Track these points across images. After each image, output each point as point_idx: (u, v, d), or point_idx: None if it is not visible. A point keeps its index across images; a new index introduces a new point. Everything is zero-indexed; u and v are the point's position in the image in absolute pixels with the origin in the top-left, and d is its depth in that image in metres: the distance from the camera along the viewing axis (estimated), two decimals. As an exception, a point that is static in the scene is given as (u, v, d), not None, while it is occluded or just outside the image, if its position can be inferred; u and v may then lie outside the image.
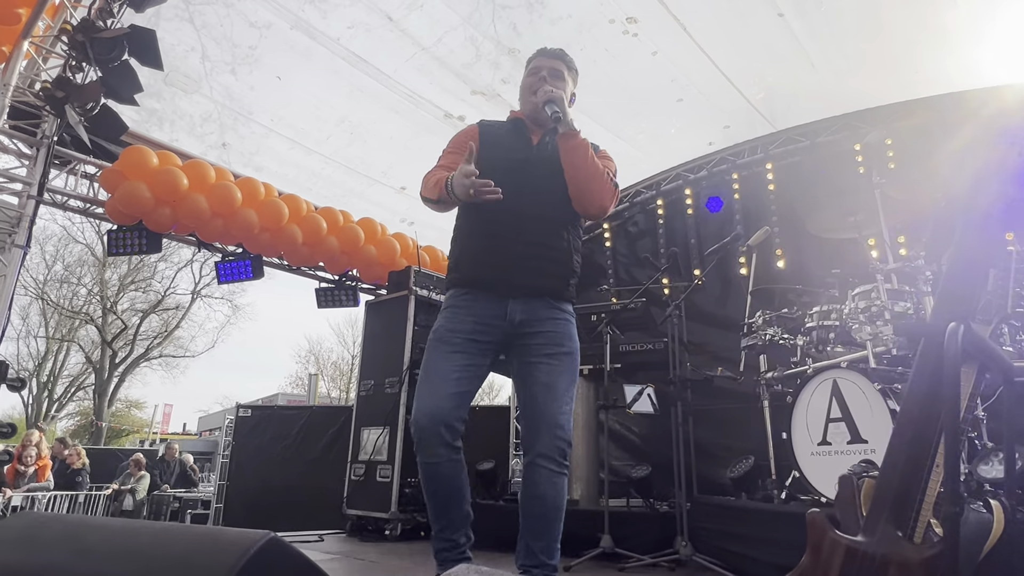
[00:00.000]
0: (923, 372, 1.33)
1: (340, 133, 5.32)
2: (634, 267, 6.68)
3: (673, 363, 3.77)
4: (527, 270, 2.16)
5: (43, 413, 28.99)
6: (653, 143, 5.94)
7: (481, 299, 2.17)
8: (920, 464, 1.30)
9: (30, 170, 3.94)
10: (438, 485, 2.11)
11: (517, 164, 2.22)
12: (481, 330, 2.14)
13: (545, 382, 2.13)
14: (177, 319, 28.85)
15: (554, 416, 2.10)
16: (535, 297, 2.18)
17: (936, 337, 1.28)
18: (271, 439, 7.54)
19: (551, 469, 2.12)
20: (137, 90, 3.92)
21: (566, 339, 2.20)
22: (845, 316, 3.14)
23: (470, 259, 2.24)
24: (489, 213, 2.16)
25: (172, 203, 4.12)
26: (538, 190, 2.21)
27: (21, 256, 3.82)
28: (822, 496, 3.02)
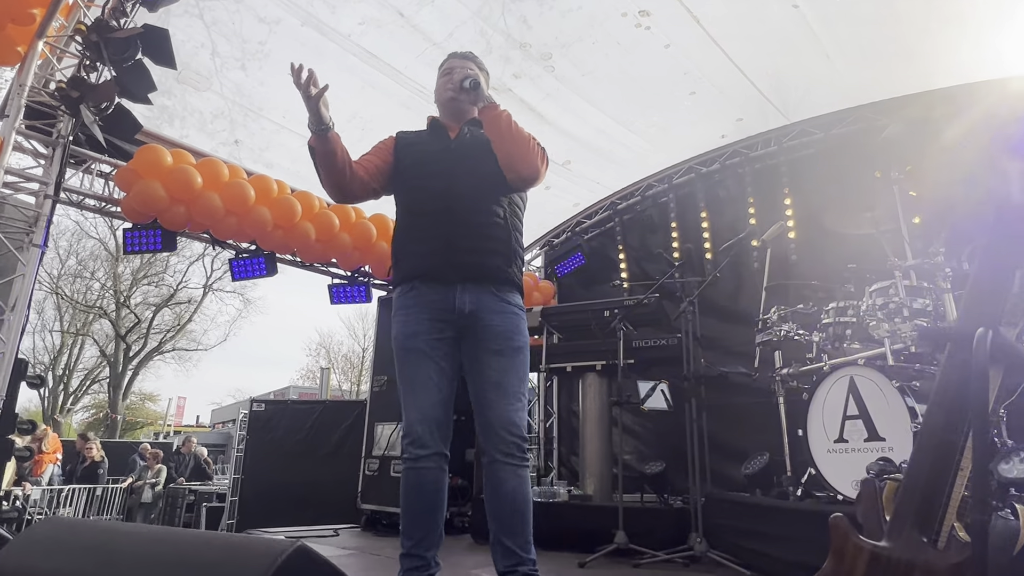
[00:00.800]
0: (949, 376, 1.31)
1: (352, 129, 5.29)
2: (646, 261, 6.65)
3: (687, 360, 3.76)
4: (465, 251, 2.16)
5: (59, 406, 29.39)
6: (665, 136, 5.90)
7: (427, 291, 2.17)
8: (946, 470, 1.29)
9: (46, 170, 3.97)
10: (421, 494, 2.11)
11: (438, 155, 2.28)
12: (439, 327, 2.15)
13: (495, 381, 2.14)
14: (189, 313, 29.09)
15: (507, 414, 2.11)
16: (480, 283, 2.17)
17: (963, 342, 1.27)
18: (284, 433, 7.60)
19: (512, 464, 2.12)
20: (151, 89, 3.93)
21: (515, 333, 2.20)
22: (862, 313, 3.11)
23: (408, 251, 2.25)
24: (420, 204, 2.23)
25: (186, 201, 4.14)
26: (463, 174, 2.23)
27: (39, 255, 3.86)
28: (839, 493, 3.01)
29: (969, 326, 1.27)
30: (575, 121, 5.55)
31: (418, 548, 2.10)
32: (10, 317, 3.76)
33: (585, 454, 4.65)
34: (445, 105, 2.43)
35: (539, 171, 2.25)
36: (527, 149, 2.20)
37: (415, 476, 2.11)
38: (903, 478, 1.40)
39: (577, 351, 4.75)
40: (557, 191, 6.62)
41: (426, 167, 2.27)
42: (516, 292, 2.27)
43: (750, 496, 3.61)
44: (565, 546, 3.93)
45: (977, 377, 1.18)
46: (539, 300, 6.72)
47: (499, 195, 2.25)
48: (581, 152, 6.03)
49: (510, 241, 2.25)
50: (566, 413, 6.90)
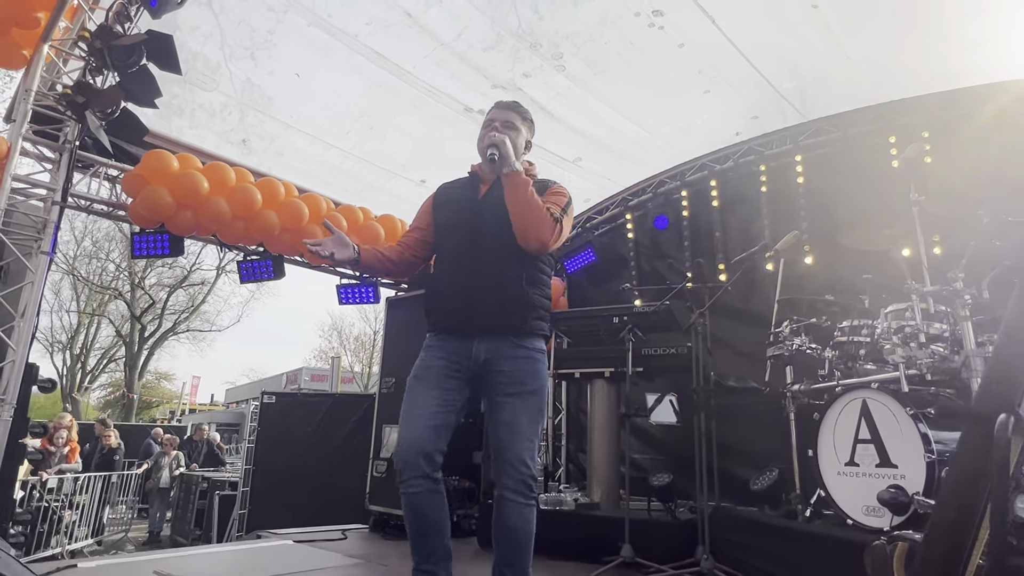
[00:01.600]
0: (966, 459, 1.26)
1: (359, 128, 5.26)
2: (656, 260, 6.57)
3: (697, 373, 3.71)
4: (485, 312, 2.30)
5: (77, 384, 29.91)
6: (678, 134, 5.78)
7: (450, 340, 2.35)
8: (961, 549, 1.25)
9: (53, 175, 3.95)
10: (417, 516, 2.21)
11: (467, 217, 2.41)
12: (452, 367, 2.31)
13: (508, 421, 2.25)
14: (203, 294, 29.33)
15: (518, 454, 2.23)
16: (498, 336, 2.31)
17: (983, 423, 1.22)
18: (295, 425, 7.68)
19: (519, 502, 2.24)
20: (156, 95, 3.89)
21: (529, 377, 2.30)
22: (877, 335, 3.04)
23: (437, 307, 2.43)
24: (450, 264, 2.42)
25: (193, 207, 4.12)
26: (489, 235, 2.35)
27: (47, 263, 3.86)
28: (848, 517, 2.97)
29: (989, 407, 1.22)
30: (586, 120, 5.45)
31: (426, 564, 2.21)
32: (20, 324, 3.78)
33: (593, 460, 4.64)
34: (484, 163, 2.43)
35: (547, 245, 2.33)
36: (539, 222, 2.28)
37: (407, 499, 2.21)
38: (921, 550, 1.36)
39: (586, 357, 4.71)
40: (568, 187, 6.51)
41: (456, 225, 2.44)
42: (537, 339, 2.37)
43: (758, 512, 3.58)
44: (571, 555, 3.94)
45: (998, 465, 1.13)
46: (548, 298, 6.67)
47: (521, 256, 2.34)
48: (592, 150, 5.93)
49: (527, 299, 2.34)
50: (575, 410, 6.89)
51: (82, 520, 8.20)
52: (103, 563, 3.52)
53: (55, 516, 7.51)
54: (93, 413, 33.21)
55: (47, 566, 3.30)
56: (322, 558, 3.81)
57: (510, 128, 2.48)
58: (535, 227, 2.27)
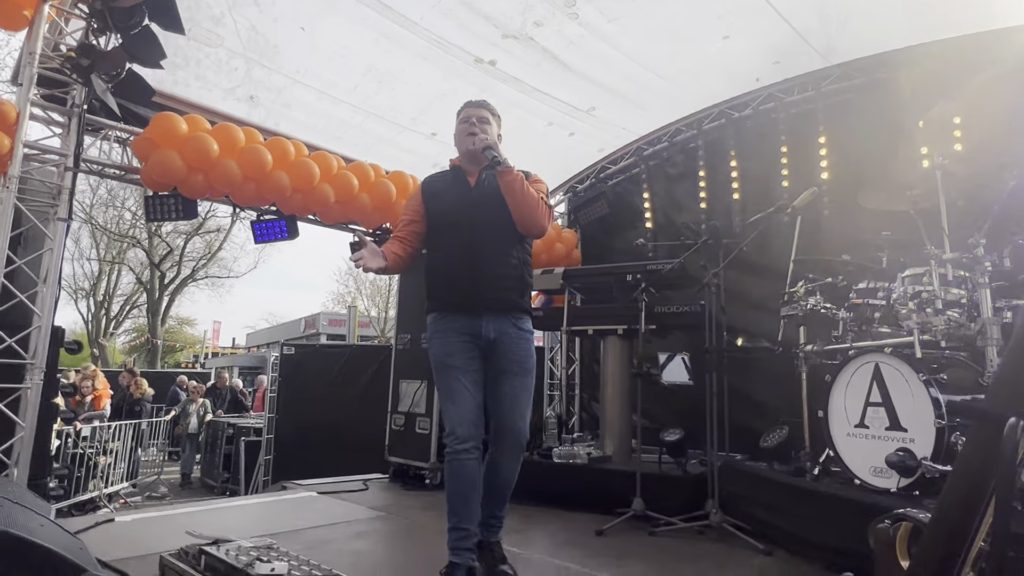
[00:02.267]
0: (973, 458, 1.28)
1: (367, 82, 5.14)
2: (672, 210, 6.48)
3: (709, 333, 3.72)
4: (488, 289, 2.64)
5: (102, 330, 30.71)
6: (695, 82, 5.60)
7: (459, 318, 2.65)
8: (963, 540, 1.28)
9: (64, 140, 3.94)
10: (464, 480, 2.53)
11: (461, 206, 2.69)
12: (470, 347, 2.63)
13: (510, 395, 2.64)
14: (219, 241, 29.56)
15: (516, 424, 2.65)
16: (500, 314, 2.66)
17: (992, 425, 1.23)
18: (315, 376, 7.88)
19: (513, 460, 2.69)
20: (161, 56, 3.83)
21: (527, 357, 2.71)
22: (893, 299, 3.01)
23: (441, 288, 2.73)
24: (449, 249, 2.70)
25: (204, 170, 4.10)
26: (484, 222, 2.66)
27: (65, 229, 3.90)
28: (856, 477, 3.03)
29: (999, 408, 1.23)
30: (600, 68, 5.28)
31: (463, 522, 2.53)
32: (43, 290, 3.85)
33: (606, 415, 4.74)
34: (463, 154, 2.78)
35: (545, 229, 2.74)
36: (536, 211, 2.64)
37: (458, 467, 2.53)
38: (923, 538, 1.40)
39: (599, 315, 4.73)
40: (581, 137, 6.40)
41: (451, 217, 2.70)
42: (528, 317, 2.78)
43: (767, 469, 3.65)
44: (584, 507, 4.08)
45: (1005, 467, 1.15)
46: (561, 251, 6.65)
47: (514, 240, 2.71)
48: (606, 99, 5.77)
49: (523, 277, 2.74)
50: (588, 360, 6.97)
51: (116, 464, 8.58)
52: (138, 517, 3.72)
53: (91, 462, 7.86)
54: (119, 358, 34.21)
55: (86, 520, 3.50)
56: (347, 510, 3.98)
57: (485, 123, 2.77)
58: (536, 216, 2.65)
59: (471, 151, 2.68)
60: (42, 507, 2.76)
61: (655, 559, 3.09)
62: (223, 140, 4.14)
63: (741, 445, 4.42)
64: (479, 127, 2.73)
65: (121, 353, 34.91)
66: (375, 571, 2.84)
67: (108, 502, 8.17)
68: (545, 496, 4.27)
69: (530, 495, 4.36)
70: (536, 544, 3.34)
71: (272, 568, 2.26)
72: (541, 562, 3.03)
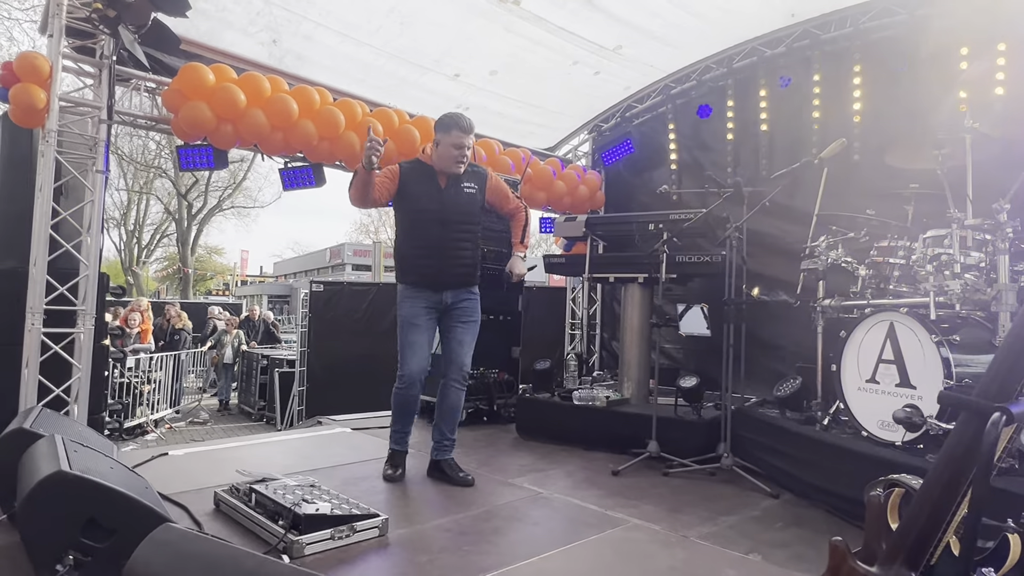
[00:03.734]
0: (959, 444, 1.38)
1: (390, 24, 5.06)
2: (698, 150, 6.39)
3: (729, 286, 3.78)
4: (451, 274, 3.45)
5: (135, 258, 31.56)
6: (727, 17, 5.38)
7: (425, 291, 3.45)
8: (941, 519, 1.41)
9: (96, 92, 4.01)
10: (408, 406, 3.56)
11: (433, 200, 3.41)
12: (430, 311, 3.47)
13: (459, 339, 3.55)
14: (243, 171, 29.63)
15: (462, 359, 3.55)
16: (458, 288, 3.49)
17: (978, 417, 1.32)
18: (343, 312, 8.16)
19: (457, 387, 3.59)
20: (186, 7, 3.83)
21: (474, 312, 3.59)
22: (913, 260, 3.04)
23: (412, 268, 3.48)
24: (422, 238, 3.42)
25: (233, 120, 4.15)
26: (452, 221, 3.42)
27: (103, 181, 4.04)
28: (863, 429, 3.17)
29: (987, 400, 1.32)
30: (628, 6, 5.11)
31: (404, 427, 3.61)
32: (87, 239, 4.04)
33: (625, 359, 4.89)
34: (446, 169, 3.44)
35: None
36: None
37: (405, 398, 3.51)
38: (906, 514, 1.53)
39: (620, 262, 4.80)
40: (607, 76, 6.26)
41: (425, 206, 3.41)
42: (476, 285, 3.61)
43: (779, 417, 3.80)
44: (602, 447, 4.31)
45: (983, 457, 1.25)
46: (585, 193, 6.64)
47: (474, 232, 3.54)
48: (634, 36, 5.60)
49: (476, 258, 3.56)
50: (609, 300, 7.09)
51: (160, 393, 9.11)
52: (190, 451, 4.04)
53: (136, 391, 8.37)
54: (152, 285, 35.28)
55: (143, 454, 3.81)
56: (379, 446, 4.24)
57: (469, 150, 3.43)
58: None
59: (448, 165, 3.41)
60: (107, 447, 3.04)
61: (667, 500, 3.30)
62: (249, 90, 4.18)
63: (757, 390, 4.57)
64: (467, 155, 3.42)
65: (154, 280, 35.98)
66: (407, 506, 3.09)
67: (155, 427, 8.74)
68: (566, 436, 4.51)
69: (552, 435, 4.61)
70: (556, 483, 3.57)
71: (317, 508, 2.50)
72: (561, 501, 3.26)
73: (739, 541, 2.75)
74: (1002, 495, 2.26)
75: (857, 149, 4.94)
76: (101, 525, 2.00)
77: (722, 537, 2.79)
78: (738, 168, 5.86)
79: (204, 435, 9.00)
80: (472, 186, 3.49)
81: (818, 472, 3.27)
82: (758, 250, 5.25)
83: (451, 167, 3.39)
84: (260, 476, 2.90)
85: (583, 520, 2.97)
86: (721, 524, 2.97)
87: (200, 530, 2.59)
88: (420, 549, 2.58)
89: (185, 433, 9.11)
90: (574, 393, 4.67)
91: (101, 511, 2.01)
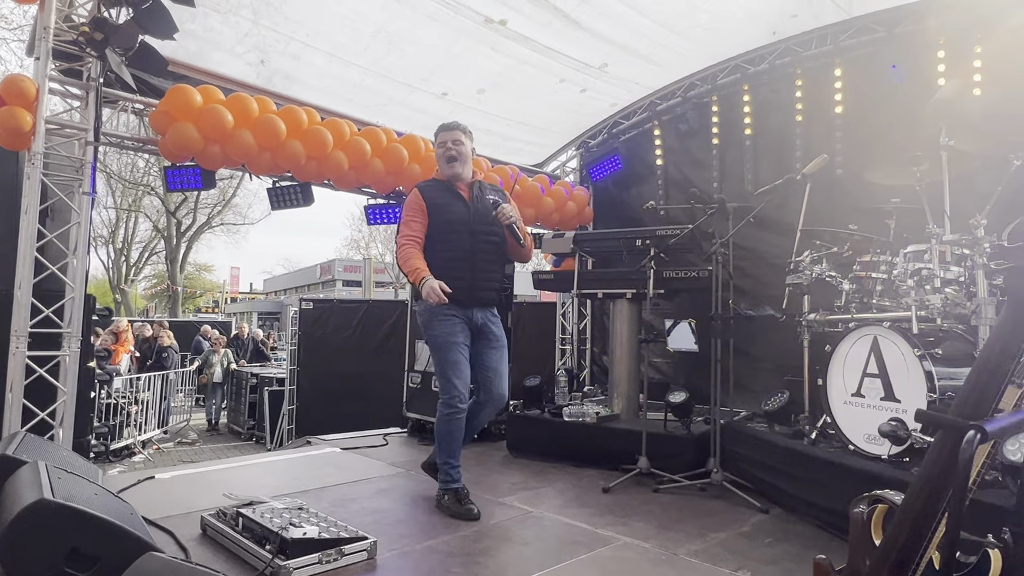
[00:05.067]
0: (938, 456, 1.40)
1: (377, 44, 5.10)
2: (685, 166, 6.46)
3: (716, 301, 3.81)
4: (480, 290, 3.39)
5: (123, 276, 31.35)
6: (710, 36, 5.47)
7: (456, 309, 3.31)
8: (921, 538, 1.42)
9: (83, 114, 4.01)
10: (458, 431, 3.33)
11: (462, 216, 3.38)
12: (464, 330, 3.37)
13: (495, 367, 3.47)
14: (232, 188, 29.60)
15: (501, 390, 3.49)
16: (485, 307, 3.45)
17: (954, 435, 1.34)
18: (333, 330, 8.14)
19: (492, 414, 3.70)
20: (173, 30, 3.85)
21: (503, 337, 3.56)
22: (894, 275, 3.08)
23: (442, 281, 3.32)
24: (452, 253, 3.34)
25: (220, 141, 4.16)
26: (479, 233, 3.40)
27: (90, 203, 4.03)
28: (851, 443, 3.19)
29: (962, 419, 1.34)
30: (612, 25, 5.18)
31: (454, 459, 3.37)
32: (73, 261, 4.02)
33: (614, 375, 4.90)
34: (445, 172, 3.48)
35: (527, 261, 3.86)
36: (529, 253, 3.60)
37: (456, 423, 3.30)
38: (887, 531, 1.54)
39: (608, 278, 4.83)
40: (593, 93, 6.33)
41: (453, 216, 3.38)
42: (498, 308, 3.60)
43: (767, 431, 3.81)
44: (593, 463, 4.30)
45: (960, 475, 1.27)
46: (573, 209, 6.68)
47: (501, 249, 3.50)
48: (619, 54, 5.68)
49: (503, 280, 3.59)
50: (599, 314, 7.11)
51: (148, 413, 9.01)
52: (176, 474, 3.99)
53: (123, 411, 8.28)
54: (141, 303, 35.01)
55: (128, 478, 3.77)
56: (368, 467, 4.24)
57: (460, 144, 3.44)
58: (527, 256, 3.63)
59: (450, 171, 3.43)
60: (92, 472, 3.01)
61: (657, 517, 3.30)
62: (237, 111, 4.19)
63: (747, 403, 4.59)
64: (455, 148, 3.41)
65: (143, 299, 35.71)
66: (396, 528, 3.07)
67: (142, 448, 8.64)
68: (556, 453, 4.50)
69: (542, 451, 4.60)
70: (546, 502, 3.56)
71: (304, 532, 2.49)
72: (551, 520, 3.25)
73: (728, 558, 2.75)
74: (987, 508, 2.28)
75: (839, 164, 5.01)
76: (84, 554, 1.98)
77: (711, 554, 2.79)
78: (724, 183, 5.95)
79: (193, 455, 8.90)
80: (496, 200, 3.48)
81: (806, 486, 3.28)
82: (744, 264, 5.33)
83: (445, 167, 3.42)
84: (247, 499, 2.88)
85: (573, 539, 2.96)
86: (711, 541, 2.96)
87: (186, 557, 2.56)
88: (408, 572, 2.56)
89: (173, 454, 9.01)
90: (564, 409, 4.67)
91: (84, 540, 1.99)
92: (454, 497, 3.29)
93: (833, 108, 5.17)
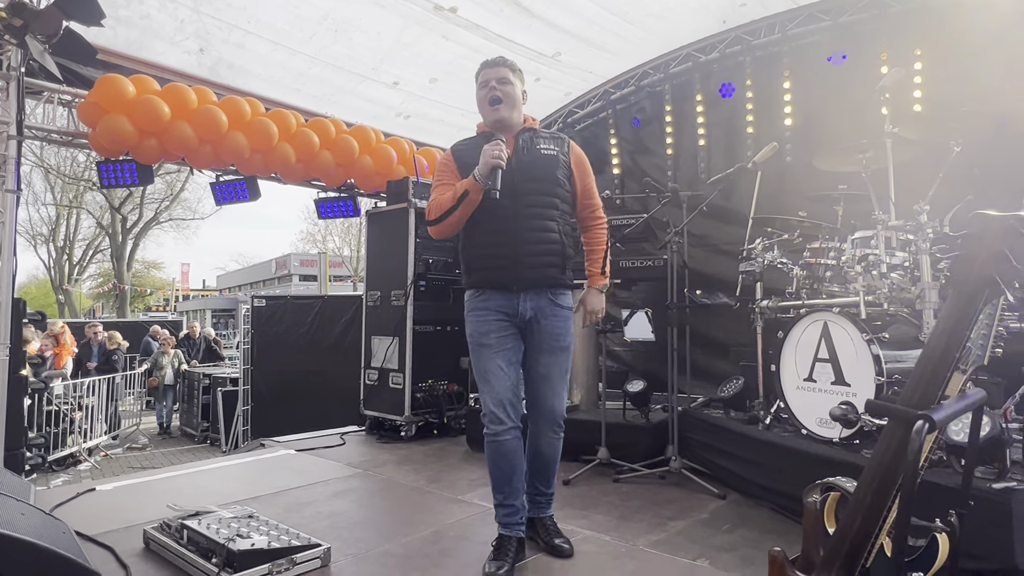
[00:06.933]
0: (887, 446, 1.40)
1: (323, 32, 4.93)
2: (639, 154, 6.48)
3: (671, 290, 3.82)
4: (528, 267, 2.52)
5: (66, 276, 30.01)
6: (662, 24, 5.48)
7: (495, 297, 2.55)
8: (872, 525, 1.43)
9: (3, 106, 3.76)
10: (506, 461, 2.55)
11: (504, 178, 2.42)
12: (503, 325, 2.56)
13: (544, 375, 2.63)
14: (180, 182, 28.60)
15: (552, 403, 2.67)
16: (539, 291, 2.57)
17: (903, 425, 1.35)
18: (288, 328, 7.93)
19: (552, 437, 2.72)
20: (100, 15, 3.62)
21: (564, 334, 2.65)
22: (842, 262, 3.13)
23: (479, 263, 2.60)
24: (489, 223, 2.53)
25: (157, 134, 3.96)
26: (524, 192, 2.52)
27: (15, 201, 3.79)
28: (803, 427, 3.24)
29: (910, 409, 1.34)
30: (564, 13, 5.13)
31: (508, 499, 2.59)
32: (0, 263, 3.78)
33: (573, 366, 4.88)
34: (491, 124, 2.62)
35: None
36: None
37: (498, 447, 2.54)
38: (840, 522, 1.54)
39: (565, 269, 4.80)
40: (547, 82, 6.28)
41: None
42: (567, 292, 2.69)
43: (723, 417, 3.85)
44: (553, 455, 4.28)
45: (909, 465, 1.27)
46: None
47: (555, 210, 2.58)
48: (572, 43, 5.64)
49: (564, 249, 2.59)
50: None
51: (95, 418, 8.64)
52: (119, 484, 3.80)
53: (67, 419, 7.91)
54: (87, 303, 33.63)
55: (67, 491, 3.58)
56: (324, 468, 4.13)
57: (506, 83, 2.59)
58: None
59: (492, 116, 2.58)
60: (21, 488, 2.83)
61: (617, 508, 3.29)
62: (174, 102, 4.00)
63: (705, 390, 4.63)
64: (500, 89, 2.56)
65: (88, 299, 34.30)
66: (352, 531, 2.99)
67: (88, 455, 8.29)
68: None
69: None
70: (506, 496, 3.52)
71: (252, 543, 2.38)
72: (510, 515, 3.20)
73: (688, 547, 2.76)
74: (932, 488, 2.33)
75: (789, 151, 5.10)
76: (6, 581, 1.84)
77: (671, 544, 2.80)
78: (678, 172, 6.00)
79: (143, 461, 8.59)
80: (551, 148, 2.62)
81: (762, 471, 3.33)
82: (699, 253, 5.40)
83: (487, 111, 2.58)
84: (193, 510, 2.75)
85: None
86: (670, 530, 2.98)
87: (126, 575, 2.43)
88: (364, 578, 2.49)
89: (122, 460, 8.67)
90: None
91: (7, 566, 1.85)
92: (494, 546, 2.56)
93: (782, 96, 5.24)
